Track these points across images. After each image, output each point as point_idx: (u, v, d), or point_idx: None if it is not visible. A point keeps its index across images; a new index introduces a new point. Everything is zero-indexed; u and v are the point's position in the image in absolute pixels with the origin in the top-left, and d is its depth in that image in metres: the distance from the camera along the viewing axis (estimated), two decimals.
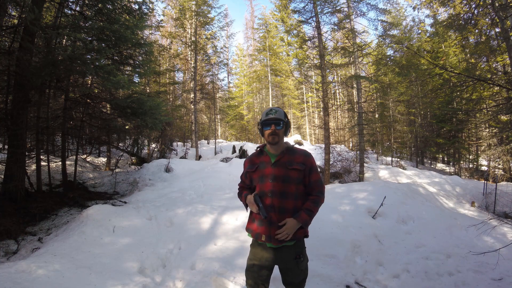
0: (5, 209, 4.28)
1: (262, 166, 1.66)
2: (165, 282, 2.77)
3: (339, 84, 18.91)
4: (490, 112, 9.78)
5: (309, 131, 23.86)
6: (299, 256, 1.61)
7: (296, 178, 1.60)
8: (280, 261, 1.61)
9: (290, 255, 1.59)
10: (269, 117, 1.61)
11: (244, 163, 1.81)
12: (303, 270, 1.65)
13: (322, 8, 8.67)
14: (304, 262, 1.65)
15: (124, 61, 6.26)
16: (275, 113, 1.62)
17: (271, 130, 1.60)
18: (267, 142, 1.67)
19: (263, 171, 1.64)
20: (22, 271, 2.39)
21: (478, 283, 2.68)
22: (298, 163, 1.62)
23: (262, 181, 1.63)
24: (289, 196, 1.59)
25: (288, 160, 1.63)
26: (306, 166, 1.63)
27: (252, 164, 1.71)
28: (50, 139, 7.57)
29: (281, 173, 1.60)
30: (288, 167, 1.61)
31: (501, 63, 10.95)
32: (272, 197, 1.58)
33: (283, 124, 1.63)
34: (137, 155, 10.99)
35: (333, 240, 3.33)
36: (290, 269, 1.62)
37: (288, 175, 1.60)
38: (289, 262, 1.60)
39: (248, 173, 1.71)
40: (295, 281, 1.64)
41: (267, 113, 1.63)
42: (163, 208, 4.60)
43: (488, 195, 7.29)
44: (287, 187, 1.59)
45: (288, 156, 1.65)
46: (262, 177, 1.63)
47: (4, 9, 4.55)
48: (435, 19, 14.14)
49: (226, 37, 25.97)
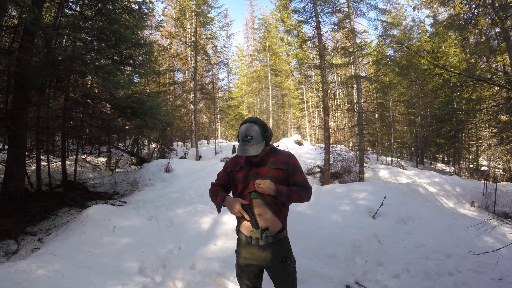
0: (5, 209, 4.28)
1: (247, 165, 1.67)
2: (165, 282, 2.77)
3: (339, 84, 18.91)
4: (490, 112, 9.78)
5: (309, 131, 23.85)
6: (285, 259, 1.60)
7: (280, 178, 1.60)
8: (268, 263, 1.59)
9: (276, 259, 1.58)
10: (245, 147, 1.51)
11: (225, 163, 1.80)
12: (291, 273, 1.63)
13: (322, 8, 8.66)
14: (291, 265, 1.64)
15: (124, 61, 6.26)
16: (251, 140, 1.51)
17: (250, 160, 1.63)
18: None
19: (247, 171, 1.64)
20: (22, 271, 2.39)
21: (478, 283, 2.68)
22: (281, 163, 1.63)
23: (245, 181, 1.64)
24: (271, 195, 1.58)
25: (272, 160, 1.64)
26: (289, 166, 1.63)
27: (236, 163, 1.71)
28: (50, 139, 7.57)
29: (265, 172, 1.61)
30: (271, 166, 1.62)
31: (501, 63, 10.95)
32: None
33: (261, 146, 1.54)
34: (137, 155, 10.99)
35: (333, 240, 3.33)
36: (277, 273, 1.61)
37: (271, 174, 1.59)
38: (276, 267, 1.59)
39: (231, 172, 1.71)
40: (284, 285, 1.64)
41: (242, 139, 1.53)
42: (163, 208, 4.60)
43: (488, 195, 7.29)
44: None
45: (272, 156, 1.66)
46: (245, 176, 1.64)
47: (4, 9, 4.55)
48: (435, 19, 14.13)
49: (226, 37, 25.99)
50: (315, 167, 8.71)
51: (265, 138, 1.58)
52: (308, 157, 10.26)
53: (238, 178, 1.67)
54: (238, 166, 1.68)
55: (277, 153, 1.68)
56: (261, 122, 1.60)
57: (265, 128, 1.59)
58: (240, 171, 1.67)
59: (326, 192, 5.25)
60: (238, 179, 1.67)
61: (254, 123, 1.56)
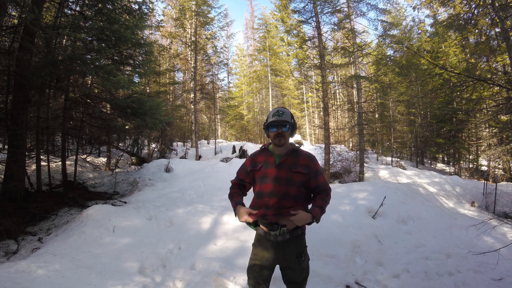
0: (5, 209, 4.28)
1: (266, 166, 1.64)
2: (165, 282, 2.77)
3: (339, 84, 18.91)
4: (490, 112, 9.78)
5: (309, 131, 23.86)
6: (301, 255, 1.61)
7: (299, 181, 1.60)
8: (282, 260, 1.61)
9: (291, 254, 1.59)
10: (275, 119, 1.59)
11: (246, 160, 1.78)
12: (304, 269, 1.65)
13: (322, 8, 8.67)
14: (305, 261, 1.65)
15: (124, 61, 6.26)
16: (282, 114, 1.59)
17: (277, 132, 1.59)
18: (273, 144, 1.66)
19: (266, 171, 1.63)
20: (22, 271, 2.39)
21: (478, 283, 2.68)
22: (302, 165, 1.61)
23: (263, 181, 1.62)
24: (289, 197, 1.59)
25: (292, 163, 1.62)
26: (310, 169, 1.63)
27: (256, 162, 1.69)
28: (50, 139, 7.57)
29: (284, 175, 1.59)
30: (292, 170, 1.60)
31: (501, 63, 10.95)
32: (270, 197, 1.58)
33: (289, 126, 1.61)
34: (137, 155, 10.99)
35: (333, 240, 3.33)
36: (292, 268, 1.62)
37: (291, 178, 1.59)
38: (291, 261, 1.60)
39: (251, 171, 1.70)
40: (297, 280, 1.64)
41: (273, 114, 1.61)
42: (163, 208, 4.60)
43: (488, 195, 7.29)
44: (289, 189, 1.59)
45: (293, 158, 1.63)
46: (264, 177, 1.63)
47: (4, 9, 4.55)
48: (435, 19, 14.13)
49: (226, 37, 25.99)
50: None
51: (293, 121, 1.66)
52: None
53: (257, 178, 1.67)
54: (258, 166, 1.67)
55: (298, 155, 1.66)
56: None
57: (293, 116, 1.68)
58: (261, 170, 1.65)
59: None
60: (257, 179, 1.67)
61: (284, 108, 1.67)
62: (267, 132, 1.65)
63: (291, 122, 1.62)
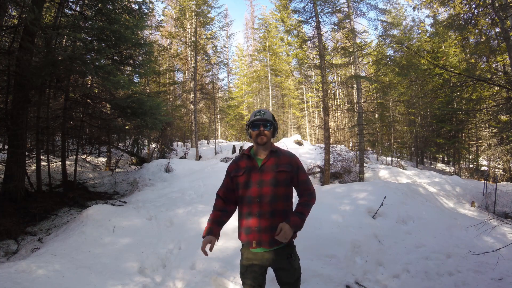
0: (5, 209, 4.28)
1: (249, 170, 1.64)
2: (165, 282, 2.77)
3: (339, 84, 18.91)
4: (490, 112, 9.78)
5: (309, 131, 23.85)
6: (291, 255, 1.62)
7: (284, 180, 1.61)
8: (273, 262, 1.62)
9: (282, 256, 1.60)
10: (257, 118, 1.62)
11: (229, 166, 1.75)
12: (296, 269, 1.66)
13: (322, 8, 8.66)
14: (296, 261, 1.66)
15: (124, 61, 6.26)
16: (264, 114, 1.63)
17: (259, 131, 1.61)
18: (255, 143, 1.67)
19: (250, 176, 1.62)
20: (22, 271, 2.39)
21: (478, 283, 2.68)
22: (284, 164, 1.63)
23: (248, 186, 1.61)
24: (279, 199, 1.59)
25: (275, 163, 1.63)
26: (293, 167, 1.64)
27: (238, 168, 1.68)
28: (50, 139, 7.57)
29: (269, 177, 1.59)
30: (275, 170, 1.61)
31: (501, 63, 10.95)
32: (260, 202, 1.57)
33: (271, 126, 1.64)
34: (137, 155, 10.99)
35: (333, 240, 3.33)
36: (284, 269, 1.63)
37: (277, 178, 1.59)
38: (282, 262, 1.61)
39: (234, 178, 1.68)
40: (290, 280, 1.65)
41: (255, 114, 1.64)
42: (163, 208, 4.60)
43: (488, 195, 7.29)
44: (277, 190, 1.59)
45: (274, 158, 1.64)
46: (248, 182, 1.62)
47: (4, 9, 4.55)
48: (435, 19, 14.13)
49: (226, 37, 25.99)
50: (315, 167, 8.71)
51: (275, 122, 1.69)
52: (308, 157, 10.27)
53: (240, 184, 1.64)
54: (241, 171, 1.65)
55: (279, 154, 1.67)
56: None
57: (274, 117, 1.72)
58: (243, 175, 1.64)
59: (326, 192, 5.25)
60: (240, 185, 1.64)
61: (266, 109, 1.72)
62: (249, 132, 1.67)
63: (273, 122, 1.66)
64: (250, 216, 1.60)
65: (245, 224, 1.62)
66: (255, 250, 1.60)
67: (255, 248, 1.59)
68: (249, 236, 1.59)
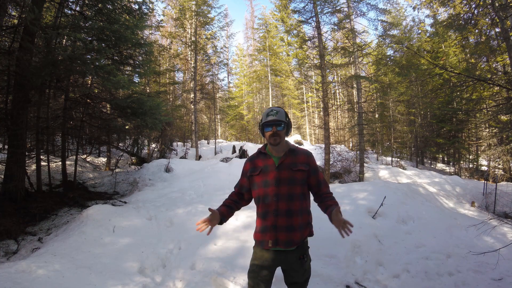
0: (5, 209, 4.28)
1: (266, 169, 1.63)
2: (165, 282, 2.77)
3: (339, 84, 18.91)
4: (490, 112, 9.78)
5: (309, 131, 23.86)
6: (303, 256, 1.61)
7: (301, 179, 1.60)
8: (284, 262, 1.61)
9: (294, 256, 1.59)
10: (270, 118, 1.59)
11: (245, 165, 1.75)
12: (307, 270, 1.65)
13: (322, 8, 8.67)
14: (307, 262, 1.65)
15: (124, 61, 6.26)
16: (276, 114, 1.60)
17: (272, 132, 1.58)
18: (269, 143, 1.65)
19: (267, 175, 1.61)
20: (22, 271, 2.39)
21: (478, 283, 2.68)
22: (301, 163, 1.62)
23: (266, 185, 1.60)
24: (296, 198, 1.58)
25: (292, 162, 1.61)
26: (310, 166, 1.63)
27: (255, 167, 1.67)
28: (50, 139, 7.57)
29: (287, 176, 1.58)
30: (293, 169, 1.59)
31: (501, 63, 10.95)
32: (277, 201, 1.56)
33: (284, 125, 1.61)
34: (137, 155, 10.99)
35: (333, 240, 3.33)
36: (294, 269, 1.61)
37: (294, 177, 1.59)
38: (294, 263, 1.60)
39: (251, 177, 1.67)
40: (299, 280, 1.64)
41: (267, 114, 1.61)
42: (163, 208, 4.60)
43: (488, 195, 7.29)
44: (293, 189, 1.58)
45: (291, 157, 1.63)
46: (266, 181, 1.61)
47: (4, 9, 4.55)
48: (435, 19, 14.13)
49: (226, 37, 25.97)
50: None
51: (288, 120, 1.66)
52: None
53: (257, 183, 1.63)
54: (257, 170, 1.64)
55: (296, 153, 1.66)
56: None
57: (287, 115, 1.69)
58: (260, 175, 1.63)
59: None
60: (258, 184, 1.63)
61: (279, 107, 1.68)
62: (263, 132, 1.65)
63: (286, 121, 1.63)
64: (267, 215, 1.59)
65: (262, 223, 1.61)
66: (270, 249, 1.58)
67: (270, 248, 1.57)
68: (266, 235, 1.58)
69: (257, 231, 1.65)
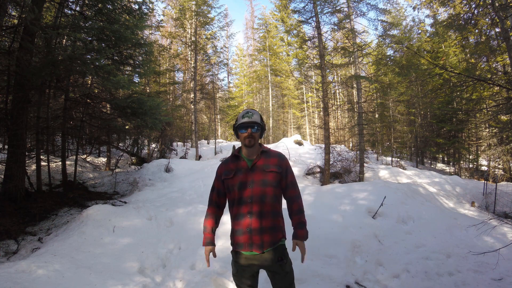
0: (5, 209, 4.28)
1: (239, 172, 1.65)
2: (165, 282, 2.77)
3: (339, 84, 18.91)
4: (490, 112, 9.78)
5: (309, 131, 23.85)
6: (281, 258, 1.62)
7: (274, 181, 1.63)
8: (264, 264, 1.63)
9: (271, 259, 1.61)
10: (245, 120, 1.61)
11: (218, 169, 1.75)
12: (288, 273, 1.66)
13: (322, 8, 8.66)
14: (288, 265, 1.67)
15: (124, 61, 6.26)
16: (251, 116, 1.62)
17: (247, 133, 1.61)
18: (243, 145, 1.67)
19: (242, 177, 1.63)
20: (22, 271, 2.39)
21: (478, 283, 2.68)
22: (274, 165, 1.64)
23: (241, 188, 1.62)
24: (268, 199, 1.60)
25: (264, 164, 1.64)
26: (282, 168, 1.66)
27: (229, 170, 1.68)
28: (50, 139, 7.57)
29: (259, 177, 1.61)
30: (265, 170, 1.62)
31: (501, 63, 10.95)
32: (252, 202, 1.59)
33: (259, 128, 1.64)
34: (137, 155, 11.00)
35: (333, 240, 3.33)
36: (275, 272, 1.63)
37: (266, 179, 1.61)
38: (273, 265, 1.61)
39: (225, 180, 1.69)
40: (283, 285, 1.66)
41: (243, 116, 1.64)
42: (163, 208, 4.60)
43: (488, 195, 7.29)
44: (266, 191, 1.60)
45: (264, 159, 1.66)
46: (239, 183, 1.62)
47: (4, 9, 4.54)
48: (435, 19, 14.14)
49: (226, 37, 25.97)
50: (315, 167, 8.71)
51: (262, 123, 1.69)
52: (308, 157, 10.26)
53: (233, 185, 1.65)
54: (231, 173, 1.66)
55: (268, 155, 1.69)
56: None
57: (262, 118, 1.73)
58: (235, 177, 1.64)
59: (326, 192, 5.25)
60: (233, 186, 1.65)
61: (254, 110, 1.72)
62: (237, 134, 1.68)
63: (260, 123, 1.66)
64: (242, 217, 1.61)
65: (237, 226, 1.64)
66: (246, 253, 1.61)
67: (246, 251, 1.60)
68: (241, 238, 1.61)
69: (233, 234, 1.67)
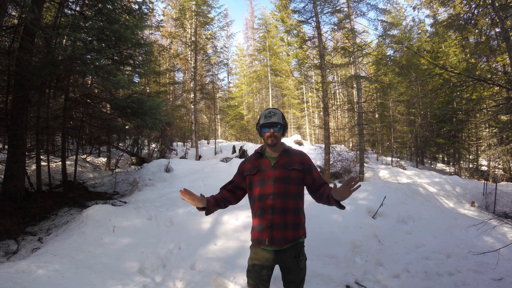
0: (5, 209, 4.28)
1: (263, 169, 1.70)
2: (165, 282, 2.77)
3: (339, 84, 18.91)
4: (490, 112, 9.78)
5: (309, 131, 23.86)
6: (299, 255, 1.66)
7: (296, 178, 1.67)
8: (281, 261, 1.66)
9: (290, 255, 1.64)
10: (268, 120, 1.67)
11: (241, 165, 1.81)
12: (302, 269, 1.69)
13: (322, 8, 8.67)
14: (303, 261, 1.70)
15: (124, 61, 6.26)
16: (274, 115, 1.68)
17: (270, 133, 1.66)
18: (266, 144, 1.72)
19: (264, 174, 1.68)
20: (22, 271, 2.39)
21: (478, 283, 2.68)
22: (296, 163, 1.69)
23: (263, 184, 1.66)
24: (290, 196, 1.64)
25: (287, 162, 1.69)
26: (305, 165, 1.70)
27: (253, 167, 1.74)
28: (50, 139, 7.57)
29: (282, 175, 1.65)
30: (288, 168, 1.66)
31: (501, 63, 10.95)
32: (273, 198, 1.62)
33: (281, 127, 1.70)
34: (137, 155, 11.00)
35: (333, 240, 3.33)
36: (290, 268, 1.66)
37: (289, 176, 1.65)
38: (290, 262, 1.64)
39: (248, 176, 1.74)
40: (296, 280, 1.68)
41: (265, 116, 1.69)
42: (163, 208, 4.60)
43: (488, 195, 7.29)
44: (288, 188, 1.64)
45: (286, 157, 1.71)
46: (263, 180, 1.67)
47: (4, 9, 4.54)
48: (435, 19, 14.14)
49: (226, 37, 25.96)
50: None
51: (284, 122, 1.73)
52: None
53: (255, 182, 1.69)
54: (254, 170, 1.71)
55: (290, 154, 1.73)
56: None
57: (284, 117, 1.76)
58: (257, 174, 1.70)
59: None
60: (254, 183, 1.70)
61: (276, 109, 1.75)
62: (260, 133, 1.73)
63: (282, 123, 1.70)
64: (264, 213, 1.64)
65: (259, 222, 1.66)
66: (266, 248, 1.63)
67: (267, 246, 1.62)
68: (263, 233, 1.63)
69: (254, 230, 1.70)
